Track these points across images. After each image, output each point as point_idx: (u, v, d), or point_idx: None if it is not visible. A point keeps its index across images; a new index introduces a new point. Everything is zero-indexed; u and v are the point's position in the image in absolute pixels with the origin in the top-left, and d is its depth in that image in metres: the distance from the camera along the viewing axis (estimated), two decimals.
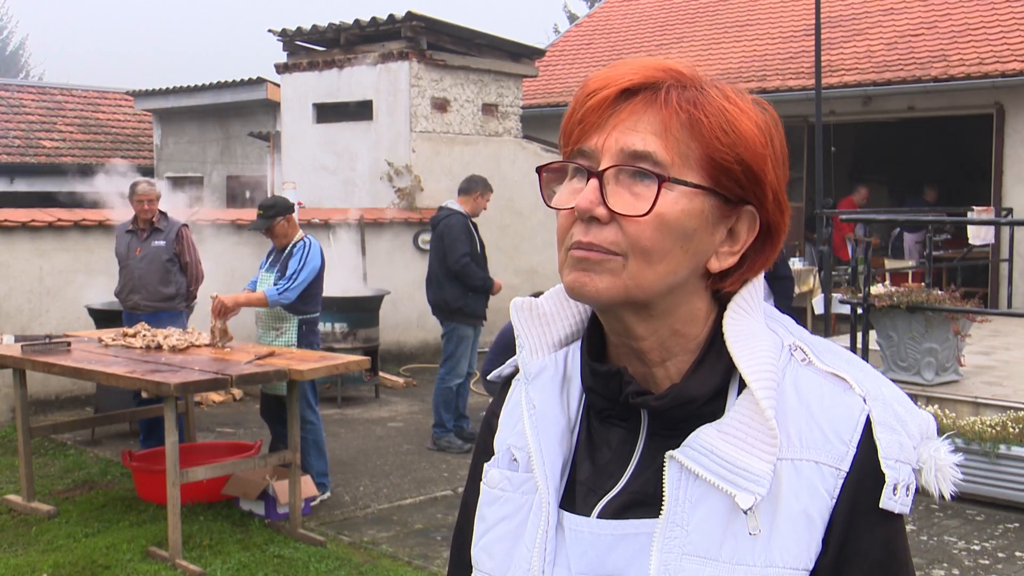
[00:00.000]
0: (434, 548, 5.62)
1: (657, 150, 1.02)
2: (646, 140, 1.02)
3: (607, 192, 1.02)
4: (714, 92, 1.05)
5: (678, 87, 1.04)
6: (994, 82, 12.03)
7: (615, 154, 1.03)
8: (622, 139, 1.03)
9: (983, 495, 6.17)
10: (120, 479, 6.80)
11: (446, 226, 7.58)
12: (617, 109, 1.04)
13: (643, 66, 1.06)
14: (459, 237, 7.51)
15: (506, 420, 1.19)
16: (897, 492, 1.02)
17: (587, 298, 1.05)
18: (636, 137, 1.02)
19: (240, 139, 16.37)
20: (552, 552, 1.08)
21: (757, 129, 1.04)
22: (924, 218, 11.39)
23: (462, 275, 7.49)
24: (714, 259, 1.06)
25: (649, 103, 1.03)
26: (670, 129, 1.02)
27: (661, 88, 1.04)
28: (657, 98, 1.03)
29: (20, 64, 44.38)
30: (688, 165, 1.03)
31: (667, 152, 1.02)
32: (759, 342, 1.05)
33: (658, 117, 1.03)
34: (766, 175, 1.05)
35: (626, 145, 1.02)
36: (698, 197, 1.03)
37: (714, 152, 1.02)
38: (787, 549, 1.01)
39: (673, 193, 1.02)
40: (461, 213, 7.63)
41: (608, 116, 1.04)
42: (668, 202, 1.01)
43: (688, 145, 1.02)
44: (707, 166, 1.03)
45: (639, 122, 1.03)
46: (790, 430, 1.03)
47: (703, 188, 1.03)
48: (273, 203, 6.61)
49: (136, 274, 7.21)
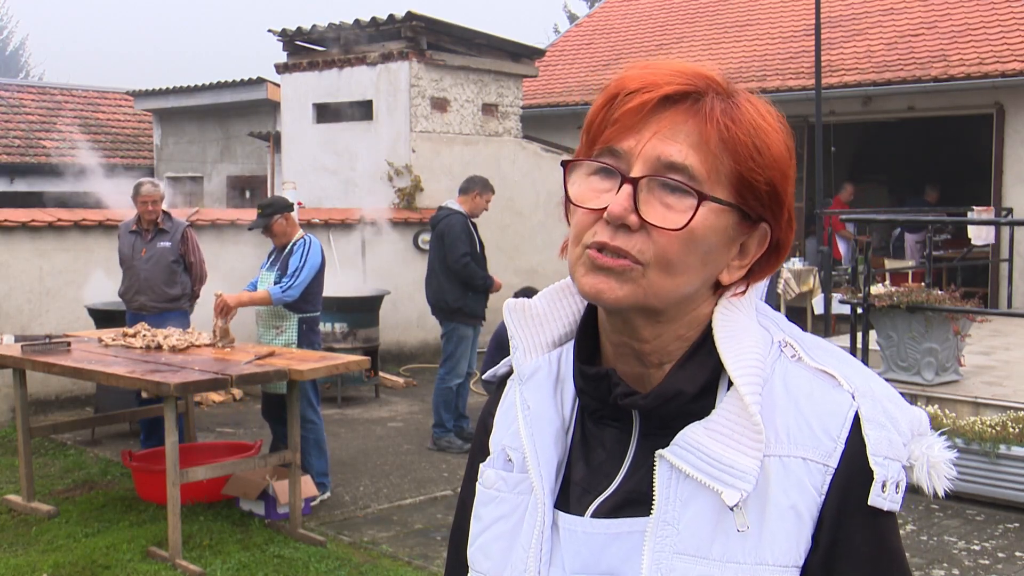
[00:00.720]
0: (434, 548, 5.62)
1: (694, 164, 1.01)
2: (684, 152, 1.01)
3: (640, 200, 1.01)
4: (747, 106, 1.04)
5: (719, 99, 1.03)
6: (994, 82, 12.03)
7: (651, 161, 1.01)
8: (660, 147, 1.01)
9: (983, 495, 6.17)
10: (120, 479, 6.81)
11: (446, 225, 7.58)
12: (658, 115, 1.02)
13: (682, 72, 1.04)
14: (459, 237, 7.51)
15: (501, 420, 1.20)
16: (886, 489, 1.01)
17: (604, 303, 1.04)
18: (675, 148, 1.01)
19: (240, 139, 16.37)
20: (548, 552, 1.09)
21: (786, 149, 1.05)
22: (924, 218, 11.39)
23: (462, 275, 7.48)
24: (725, 272, 1.07)
25: (691, 114, 1.02)
26: (708, 143, 1.02)
27: (703, 99, 1.03)
28: (700, 109, 1.02)
29: (20, 64, 44.41)
30: (719, 181, 1.02)
31: (703, 166, 1.01)
32: (748, 337, 1.05)
33: (697, 129, 1.02)
34: (787, 196, 1.06)
35: (664, 155, 1.01)
36: (724, 214, 1.03)
37: (746, 171, 1.02)
38: (777, 546, 1.01)
39: (704, 209, 1.01)
40: (460, 213, 7.63)
41: (648, 121, 1.02)
42: (699, 218, 1.01)
43: (722, 161, 1.02)
44: (736, 183, 1.03)
45: (679, 132, 1.02)
46: (778, 426, 1.03)
47: (731, 205, 1.03)
48: (271, 202, 6.66)
49: (142, 275, 7.20)
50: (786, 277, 11.61)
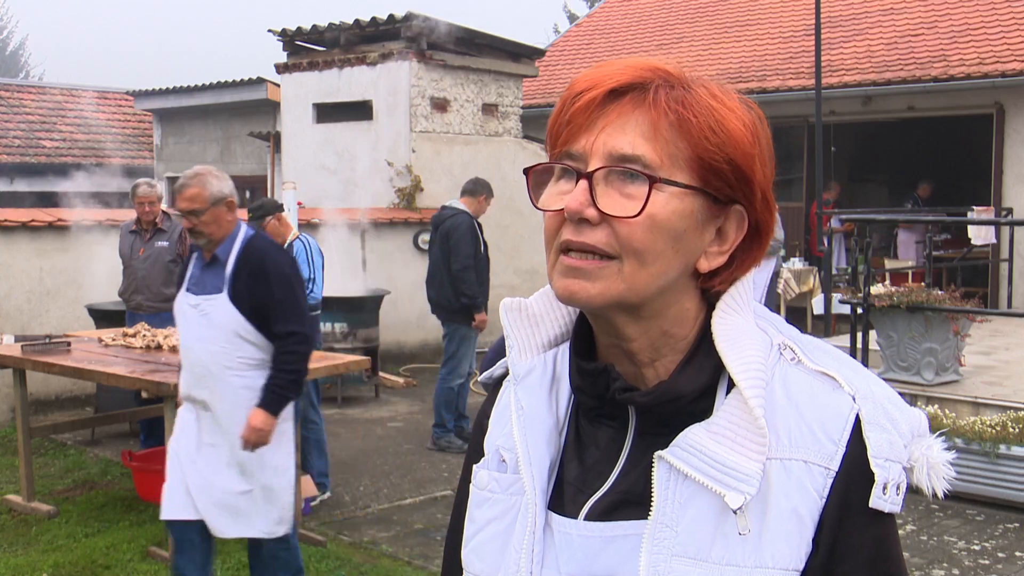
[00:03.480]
0: (434, 548, 5.62)
1: (646, 152, 1.01)
2: (634, 143, 1.01)
3: (597, 193, 1.02)
4: (701, 91, 1.04)
5: (666, 87, 1.03)
6: (994, 82, 12.03)
7: (603, 157, 1.02)
8: (610, 142, 1.02)
9: (983, 495, 6.17)
10: (120, 479, 6.81)
11: (452, 226, 7.53)
12: (605, 110, 1.03)
13: (629, 66, 1.05)
14: (465, 238, 7.46)
15: (496, 421, 1.19)
16: (887, 491, 1.01)
17: (579, 304, 1.05)
18: (624, 140, 1.02)
19: (240, 139, 16.38)
20: (540, 554, 1.08)
21: (745, 128, 1.04)
22: (924, 218, 11.39)
23: (458, 279, 7.46)
24: (703, 259, 1.06)
25: (637, 104, 1.03)
26: (659, 130, 1.02)
27: (649, 88, 1.03)
28: (645, 98, 1.03)
29: (20, 64, 44.37)
30: (677, 165, 1.02)
31: (656, 154, 1.01)
32: (748, 341, 1.05)
33: (646, 118, 1.02)
34: (754, 174, 1.05)
35: (614, 148, 1.02)
36: (688, 197, 1.03)
37: (703, 152, 1.02)
38: (777, 549, 1.00)
39: (663, 194, 1.01)
40: (467, 213, 7.58)
41: (596, 117, 1.03)
42: (659, 203, 1.01)
43: (677, 145, 1.02)
44: (696, 166, 1.03)
45: (627, 123, 1.02)
46: (779, 429, 1.02)
47: (693, 188, 1.03)
48: (260, 204, 6.74)
49: (139, 274, 7.21)
50: (786, 277, 11.62)
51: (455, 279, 7.48)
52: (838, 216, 11.28)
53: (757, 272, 1.12)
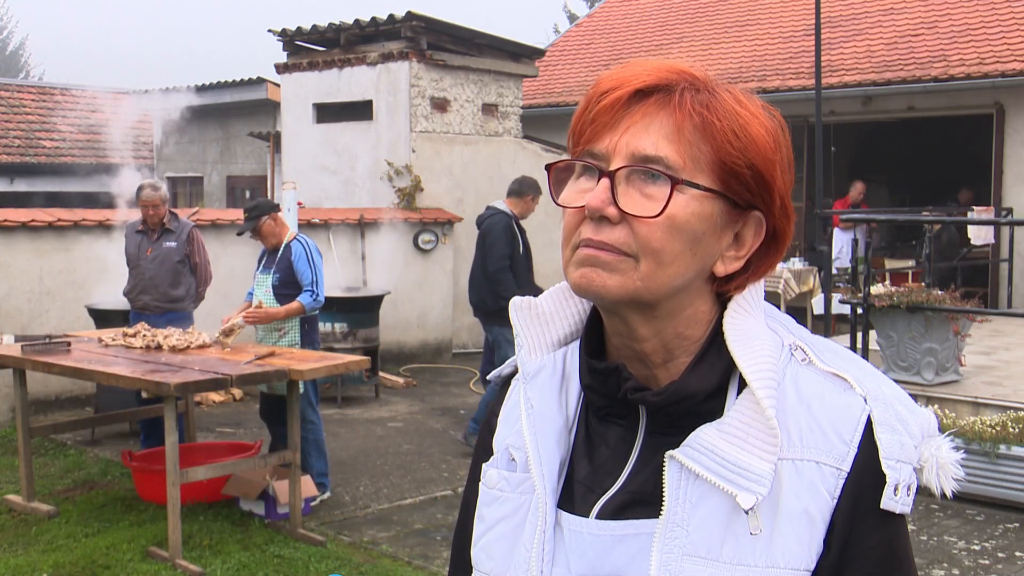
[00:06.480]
0: (434, 548, 5.62)
1: (669, 154, 1.02)
2: (658, 144, 1.02)
3: (618, 192, 1.02)
4: (726, 95, 1.05)
5: (691, 90, 1.04)
6: (994, 82, 12.04)
7: (626, 156, 1.02)
8: (633, 142, 1.02)
9: (983, 495, 6.17)
10: (120, 479, 6.80)
11: (488, 226, 7.42)
12: (630, 110, 1.03)
13: (656, 67, 1.05)
14: (500, 238, 7.33)
15: (505, 420, 1.20)
16: (898, 492, 1.02)
17: (594, 294, 1.04)
18: (648, 140, 1.02)
19: (240, 139, 16.38)
20: (551, 552, 1.08)
21: (767, 134, 1.05)
22: (924, 218, 11.38)
23: (494, 281, 7.32)
24: (720, 263, 1.07)
25: (662, 105, 1.03)
26: (683, 132, 1.02)
27: (675, 90, 1.03)
28: (670, 100, 1.03)
29: (20, 64, 44.37)
30: (699, 168, 1.02)
31: (679, 156, 1.02)
32: (760, 341, 1.05)
33: (671, 119, 1.02)
34: (775, 180, 1.05)
35: (638, 149, 1.02)
36: (708, 200, 1.03)
37: (725, 156, 1.02)
38: (788, 549, 1.00)
39: (684, 196, 1.02)
40: (506, 214, 7.44)
41: (621, 117, 1.04)
42: (679, 204, 1.01)
43: (700, 148, 1.02)
44: (718, 170, 1.03)
45: (651, 124, 1.03)
46: (791, 430, 1.03)
47: (714, 192, 1.03)
48: (255, 204, 6.69)
49: (147, 275, 7.18)
50: (786, 277, 11.61)
51: (491, 281, 7.33)
52: (850, 215, 11.06)
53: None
